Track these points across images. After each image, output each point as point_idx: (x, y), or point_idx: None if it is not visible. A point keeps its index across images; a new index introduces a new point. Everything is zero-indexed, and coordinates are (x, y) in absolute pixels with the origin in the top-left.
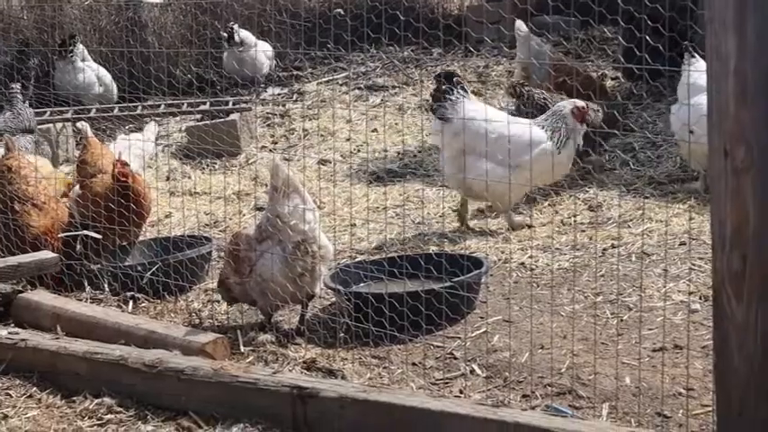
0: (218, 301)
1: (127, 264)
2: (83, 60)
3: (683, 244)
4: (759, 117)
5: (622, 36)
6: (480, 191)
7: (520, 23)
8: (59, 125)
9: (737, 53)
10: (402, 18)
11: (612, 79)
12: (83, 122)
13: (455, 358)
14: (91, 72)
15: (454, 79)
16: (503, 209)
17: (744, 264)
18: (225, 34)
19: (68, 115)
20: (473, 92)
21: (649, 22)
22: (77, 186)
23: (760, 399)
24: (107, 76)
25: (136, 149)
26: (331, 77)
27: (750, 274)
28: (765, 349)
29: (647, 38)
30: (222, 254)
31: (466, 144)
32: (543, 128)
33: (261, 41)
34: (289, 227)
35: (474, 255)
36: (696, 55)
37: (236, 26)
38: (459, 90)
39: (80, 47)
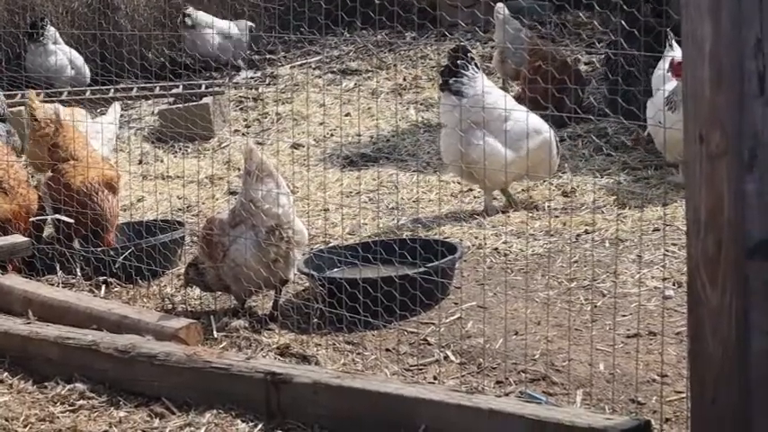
0: (191, 287)
1: (99, 248)
2: (54, 43)
3: (657, 230)
4: (734, 102)
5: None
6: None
7: (500, 6)
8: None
9: (713, 38)
10: (377, 2)
11: (586, 64)
12: (56, 105)
13: (429, 344)
14: (62, 55)
15: (468, 55)
16: (491, 188)
17: (719, 249)
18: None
19: (40, 98)
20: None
21: (625, 7)
22: (49, 170)
23: (733, 384)
24: (79, 59)
25: (107, 133)
26: (304, 61)
27: (725, 259)
28: (739, 334)
29: (623, 22)
30: (195, 238)
31: (479, 120)
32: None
33: (225, 22)
34: (262, 211)
35: (448, 240)
36: (673, 43)
37: (190, 9)
38: (473, 65)
39: (51, 29)
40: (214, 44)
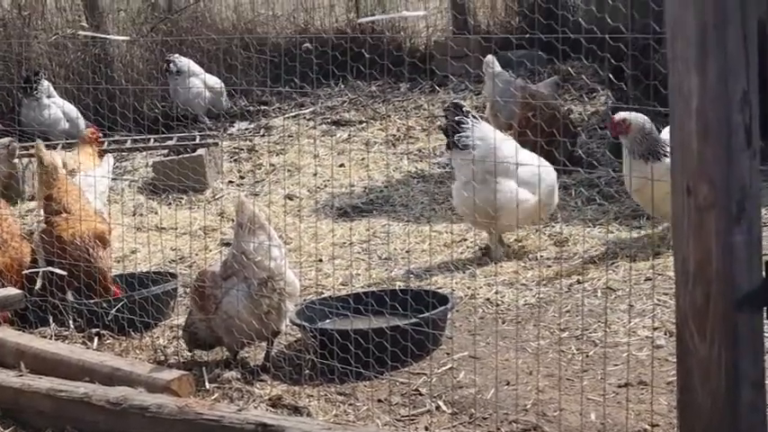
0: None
1: (92, 300)
2: (48, 97)
3: (648, 279)
4: (721, 155)
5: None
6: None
7: (490, 58)
8: (25, 161)
9: (699, 91)
10: (367, 55)
11: (579, 114)
12: (52, 157)
13: (421, 394)
14: (56, 108)
15: (463, 109)
16: (501, 231)
17: (707, 300)
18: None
19: (34, 151)
20: (439, 126)
21: (612, 61)
22: (42, 222)
23: None
24: (74, 112)
25: (100, 186)
26: (298, 112)
27: (713, 310)
28: (729, 385)
29: (611, 76)
30: (188, 290)
31: (491, 169)
32: None
33: (205, 74)
34: (254, 264)
35: (440, 291)
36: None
37: (176, 56)
38: (471, 117)
39: (45, 83)
40: (195, 93)
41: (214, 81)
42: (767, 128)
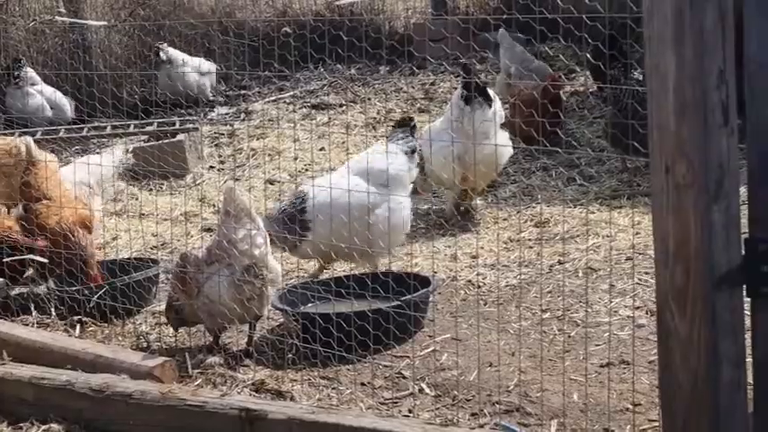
0: (166, 324)
1: (74, 287)
2: (32, 84)
3: (629, 259)
4: (699, 133)
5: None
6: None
7: (503, 31)
8: None
9: (676, 70)
10: (345, 38)
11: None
12: (27, 139)
13: (404, 377)
14: (39, 96)
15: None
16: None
17: (687, 279)
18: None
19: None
20: (419, 108)
21: (590, 41)
22: (20, 207)
23: (702, 414)
24: (60, 98)
25: (95, 173)
26: (278, 96)
27: (693, 289)
28: (708, 364)
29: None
30: (170, 276)
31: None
32: None
33: (196, 59)
34: (239, 251)
35: (421, 273)
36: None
37: (164, 45)
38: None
39: (29, 71)
40: (189, 80)
41: (209, 65)
42: (744, 106)
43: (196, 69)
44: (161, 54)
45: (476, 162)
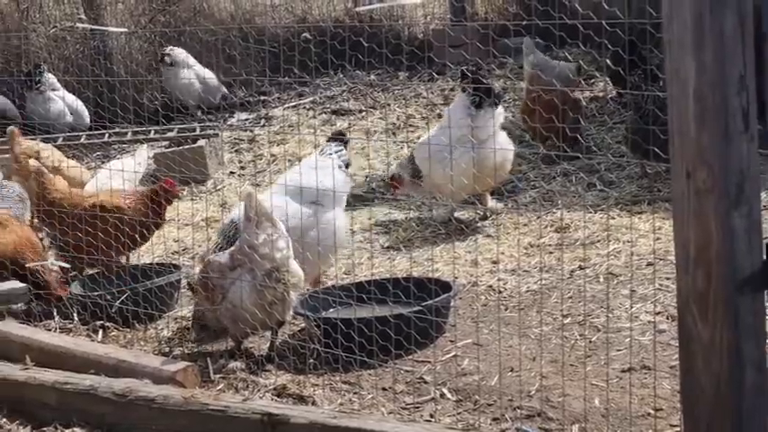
0: (188, 329)
1: (96, 292)
2: (53, 90)
3: (650, 264)
4: (719, 138)
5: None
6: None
7: (529, 41)
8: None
9: (696, 75)
10: (365, 44)
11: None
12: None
13: (425, 382)
14: (60, 102)
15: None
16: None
17: (708, 283)
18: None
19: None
20: (439, 114)
21: (609, 46)
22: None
23: (726, 418)
24: (79, 105)
25: (130, 174)
26: (298, 102)
27: (714, 293)
28: (731, 369)
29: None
30: (193, 281)
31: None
32: None
33: (198, 66)
34: (261, 256)
35: (442, 278)
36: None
37: (170, 48)
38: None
39: (49, 77)
40: (188, 85)
41: (206, 73)
42: (764, 111)
43: (199, 76)
44: (166, 58)
45: (495, 167)
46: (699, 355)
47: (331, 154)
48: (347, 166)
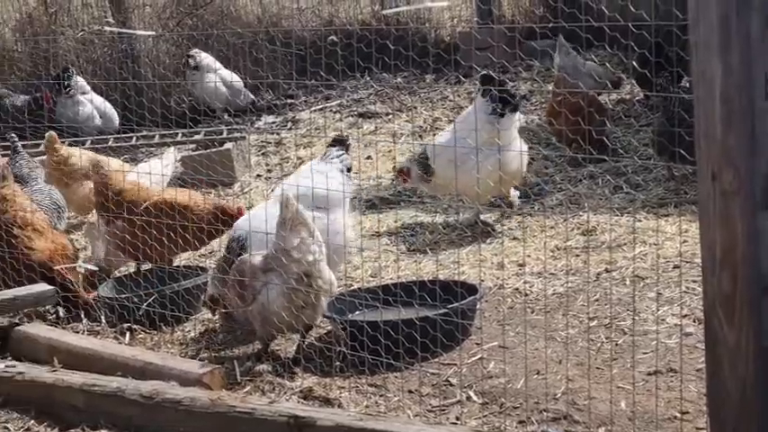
0: (215, 331)
1: (123, 295)
2: (83, 93)
3: (676, 267)
4: (745, 140)
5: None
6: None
7: (562, 39)
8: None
9: (723, 77)
10: (392, 47)
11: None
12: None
13: (451, 385)
14: (89, 105)
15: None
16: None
17: (734, 286)
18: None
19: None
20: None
21: (636, 49)
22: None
23: (752, 421)
24: (108, 108)
25: (155, 177)
26: (324, 105)
27: (740, 296)
28: (757, 372)
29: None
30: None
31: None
32: None
33: (226, 70)
34: (294, 260)
35: (468, 281)
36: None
37: (195, 51)
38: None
39: (79, 80)
40: (214, 88)
41: (233, 77)
42: None
43: (224, 80)
44: (190, 61)
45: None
46: (725, 358)
47: (333, 159)
48: (349, 170)
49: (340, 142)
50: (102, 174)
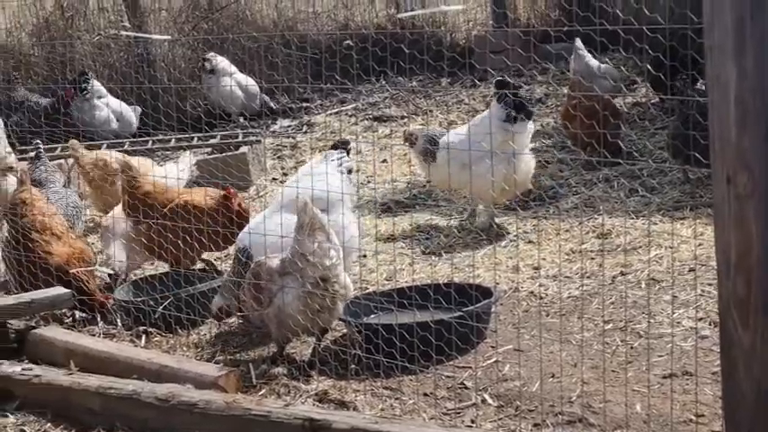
0: (231, 335)
1: (139, 298)
2: (99, 97)
3: (691, 270)
4: (760, 143)
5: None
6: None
7: (579, 42)
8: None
9: (737, 81)
10: (406, 51)
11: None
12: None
13: (466, 388)
14: (105, 108)
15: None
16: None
17: (749, 289)
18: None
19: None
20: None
21: (650, 52)
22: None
23: (767, 424)
24: (126, 110)
25: (171, 181)
26: (339, 109)
27: (755, 299)
28: None
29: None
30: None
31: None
32: None
33: (242, 74)
34: (312, 265)
35: (483, 284)
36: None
37: (211, 54)
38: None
39: (95, 83)
40: (229, 92)
41: (248, 81)
42: None
43: (240, 84)
44: (206, 64)
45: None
46: (740, 360)
47: (333, 161)
48: (350, 172)
49: (342, 145)
50: (131, 175)
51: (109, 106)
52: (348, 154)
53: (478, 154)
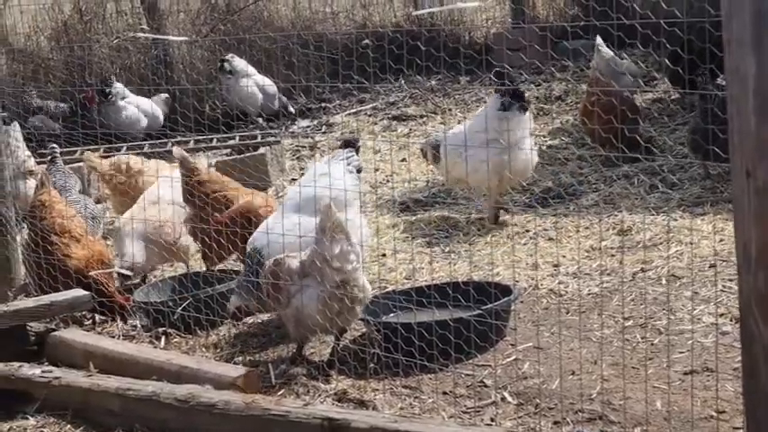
0: (250, 335)
1: (158, 300)
2: (123, 98)
3: (712, 266)
4: None
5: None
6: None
7: (599, 40)
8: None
9: (756, 73)
10: (423, 48)
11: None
12: (177, 149)
13: (486, 386)
14: (131, 108)
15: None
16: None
17: None
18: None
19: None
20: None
21: (668, 46)
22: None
23: None
24: (151, 107)
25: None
26: (358, 109)
27: None
28: None
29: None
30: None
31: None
32: None
33: (260, 75)
34: (332, 268)
35: (502, 282)
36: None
37: (230, 55)
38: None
39: (118, 86)
40: (248, 93)
41: (266, 82)
42: None
43: (258, 85)
44: (225, 65)
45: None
46: (761, 356)
47: (342, 160)
48: (359, 171)
49: (350, 144)
50: (189, 168)
51: (134, 105)
52: (357, 153)
53: (474, 144)
